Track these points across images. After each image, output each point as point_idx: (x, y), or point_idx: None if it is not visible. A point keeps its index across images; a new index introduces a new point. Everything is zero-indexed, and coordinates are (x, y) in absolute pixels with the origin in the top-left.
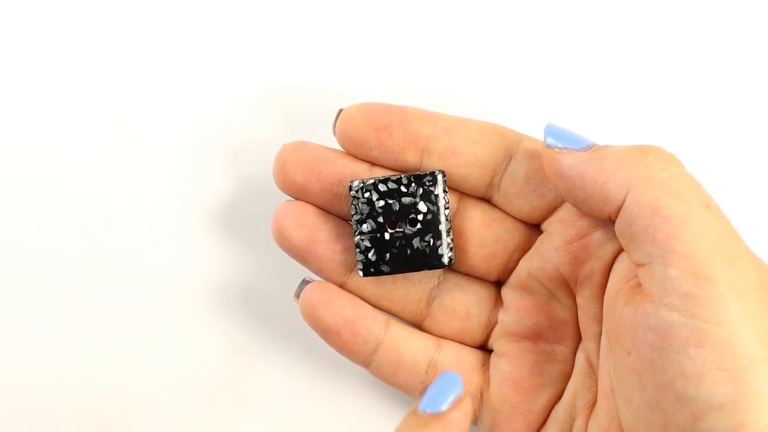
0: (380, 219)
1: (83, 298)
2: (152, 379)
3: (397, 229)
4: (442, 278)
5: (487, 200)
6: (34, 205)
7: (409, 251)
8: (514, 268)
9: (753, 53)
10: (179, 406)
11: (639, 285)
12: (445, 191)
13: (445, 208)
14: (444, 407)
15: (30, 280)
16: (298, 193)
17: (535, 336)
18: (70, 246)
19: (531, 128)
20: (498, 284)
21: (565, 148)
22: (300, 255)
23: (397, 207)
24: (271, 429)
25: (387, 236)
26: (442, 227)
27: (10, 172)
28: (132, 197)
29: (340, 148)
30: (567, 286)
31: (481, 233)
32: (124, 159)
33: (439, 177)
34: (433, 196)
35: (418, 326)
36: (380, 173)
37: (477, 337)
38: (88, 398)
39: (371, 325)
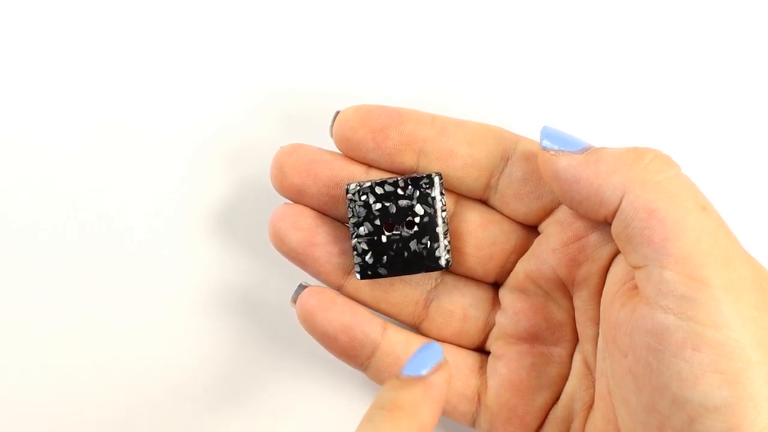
0: (377, 222)
1: (82, 298)
2: (150, 379)
3: (394, 232)
4: (439, 280)
5: (484, 202)
6: (34, 206)
7: (406, 254)
8: (511, 269)
9: (749, 55)
10: (177, 407)
11: (635, 287)
12: (441, 193)
13: (442, 211)
14: (424, 372)
15: (29, 280)
16: (295, 196)
17: (532, 338)
18: (69, 247)
19: (527, 130)
20: (495, 286)
21: (561, 150)
22: (297, 258)
23: (393, 209)
24: (269, 431)
25: (384, 239)
26: (439, 229)
27: (10, 173)
28: (130, 199)
29: (337, 151)
30: (564, 288)
31: (478, 235)
32: (122, 161)
33: (436, 179)
34: (429, 199)
35: (416, 328)
36: (377, 175)
37: (474, 339)
38: (85, 398)
39: (368, 329)
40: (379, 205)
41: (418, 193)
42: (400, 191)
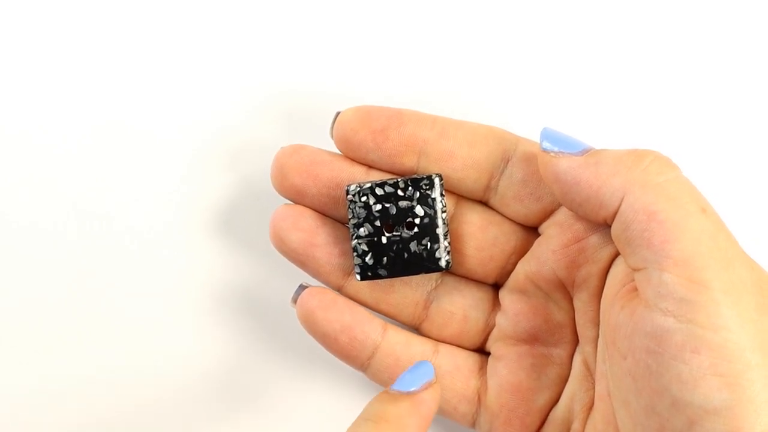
0: (377, 223)
1: (82, 298)
2: (151, 380)
3: (394, 233)
4: (439, 281)
5: (484, 203)
6: (34, 206)
7: (406, 255)
8: (511, 270)
9: (749, 56)
10: (177, 407)
11: (635, 289)
12: (442, 195)
13: (442, 212)
14: (414, 388)
15: (29, 280)
16: (296, 197)
17: (532, 339)
18: (69, 247)
19: (527, 131)
20: (496, 287)
21: (561, 152)
22: (297, 259)
23: (394, 211)
24: (269, 431)
25: (384, 240)
26: (439, 231)
27: (10, 173)
28: (130, 199)
29: (338, 151)
30: (564, 289)
31: (479, 236)
32: (122, 161)
33: (436, 180)
34: (430, 200)
35: (416, 329)
36: (377, 176)
37: (475, 340)
38: (86, 399)
39: (368, 330)
40: (379, 206)
41: (418, 194)
42: (400, 192)
